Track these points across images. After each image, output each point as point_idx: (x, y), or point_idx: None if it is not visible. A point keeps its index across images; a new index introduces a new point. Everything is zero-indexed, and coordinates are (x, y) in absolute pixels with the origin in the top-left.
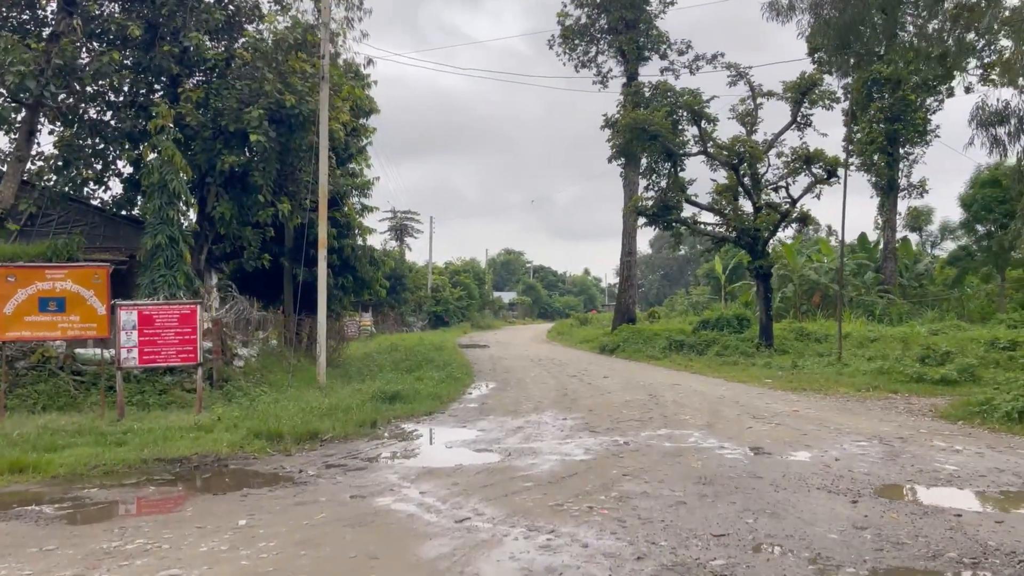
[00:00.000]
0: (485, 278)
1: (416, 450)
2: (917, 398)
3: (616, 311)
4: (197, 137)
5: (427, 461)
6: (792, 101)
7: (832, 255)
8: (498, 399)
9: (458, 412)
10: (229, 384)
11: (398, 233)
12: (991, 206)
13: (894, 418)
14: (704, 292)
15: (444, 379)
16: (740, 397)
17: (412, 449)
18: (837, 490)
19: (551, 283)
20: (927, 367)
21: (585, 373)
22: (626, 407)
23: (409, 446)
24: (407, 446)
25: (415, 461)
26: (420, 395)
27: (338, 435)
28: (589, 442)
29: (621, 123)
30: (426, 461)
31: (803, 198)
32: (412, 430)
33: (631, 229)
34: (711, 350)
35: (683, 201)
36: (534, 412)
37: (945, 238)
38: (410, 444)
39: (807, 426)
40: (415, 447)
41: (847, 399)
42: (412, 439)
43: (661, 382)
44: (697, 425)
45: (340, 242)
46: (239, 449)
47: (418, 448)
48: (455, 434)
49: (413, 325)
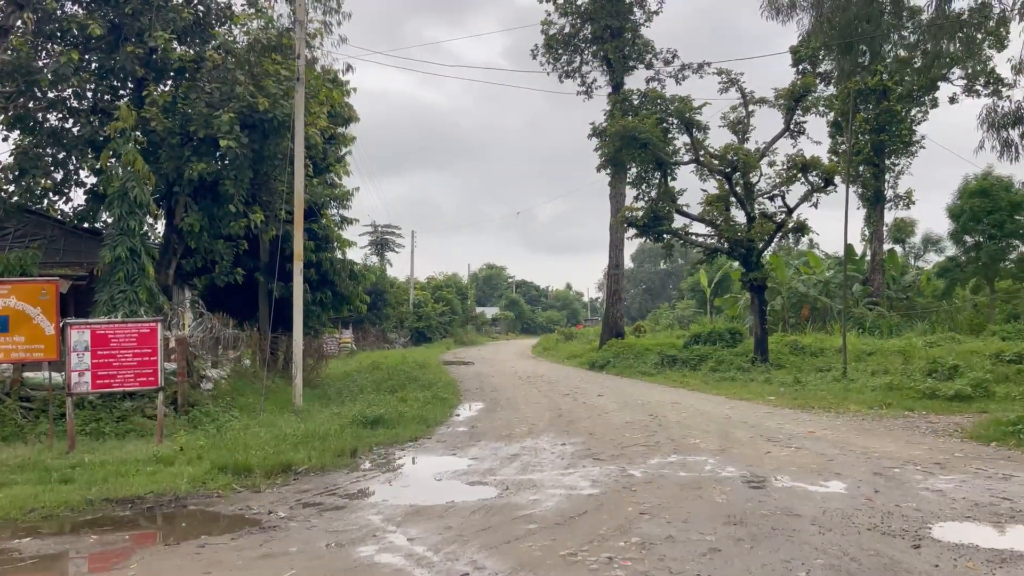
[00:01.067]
0: (468, 293)
1: (402, 484)
2: (935, 416)
3: (604, 326)
4: (164, 144)
5: (415, 497)
6: (785, 108)
7: (821, 267)
8: (489, 422)
9: (446, 437)
10: (196, 409)
11: (379, 248)
12: (979, 216)
13: (920, 439)
14: (689, 306)
15: (429, 400)
16: (747, 417)
17: (397, 483)
18: (891, 531)
19: (533, 298)
20: (938, 382)
21: (578, 391)
22: (628, 429)
23: (393, 479)
24: (391, 479)
25: (401, 497)
26: (404, 419)
27: (314, 467)
28: (594, 472)
29: (610, 130)
30: (413, 497)
31: (799, 207)
32: (396, 459)
33: (618, 242)
34: (705, 365)
35: (674, 211)
36: (529, 436)
37: (928, 250)
38: (395, 477)
39: (830, 450)
40: (400, 480)
41: (862, 418)
42: (397, 470)
43: (659, 400)
44: (710, 450)
45: (318, 255)
46: (201, 486)
47: (404, 481)
48: (444, 464)
49: (395, 342)
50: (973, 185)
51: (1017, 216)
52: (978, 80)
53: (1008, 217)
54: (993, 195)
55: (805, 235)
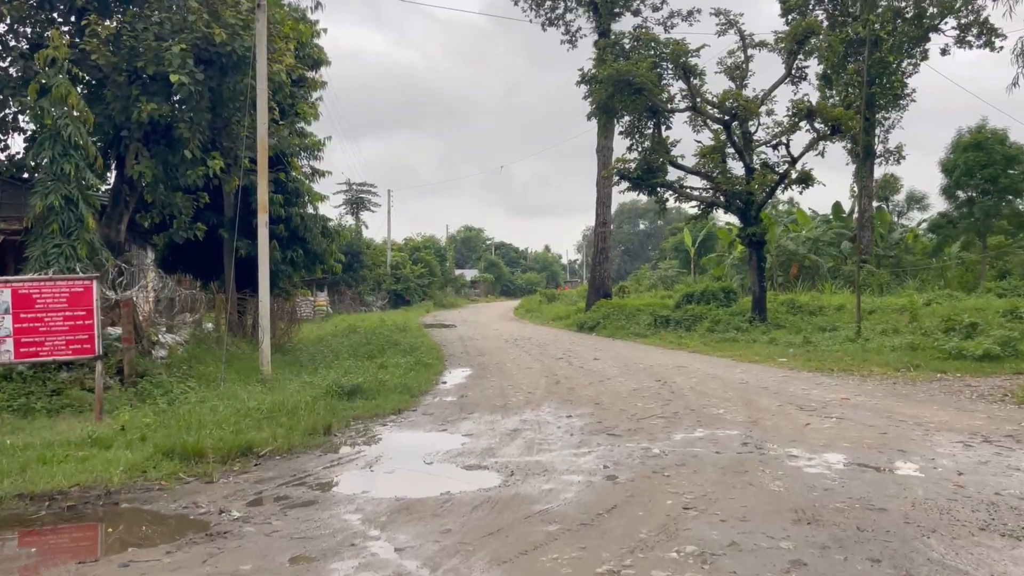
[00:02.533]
0: (447, 255)
1: (385, 469)
2: (972, 379)
3: (590, 286)
4: (109, 82)
5: (401, 488)
6: (786, 52)
7: (810, 224)
8: (480, 390)
9: (434, 409)
10: (146, 380)
11: (354, 207)
12: (973, 171)
13: (971, 406)
14: (672, 266)
15: (412, 366)
16: (765, 381)
17: (379, 468)
18: (1010, 530)
19: (513, 260)
20: (962, 342)
21: (571, 355)
22: (638, 398)
23: (375, 463)
24: (372, 463)
25: (385, 488)
26: (385, 388)
27: (280, 448)
28: (613, 451)
29: (602, 75)
30: (400, 488)
31: (804, 156)
32: (378, 437)
33: (606, 198)
34: (700, 326)
35: (668, 163)
36: (528, 407)
37: (912, 208)
38: (376, 459)
39: (877, 420)
40: (383, 464)
41: (892, 381)
42: (379, 452)
43: (663, 364)
44: (738, 422)
45: (287, 210)
46: (140, 476)
47: (388, 465)
48: (434, 442)
49: (372, 304)
50: (967, 138)
51: (1011, 170)
52: (970, 31)
53: (1002, 171)
54: (988, 148)
55: (810, 185)
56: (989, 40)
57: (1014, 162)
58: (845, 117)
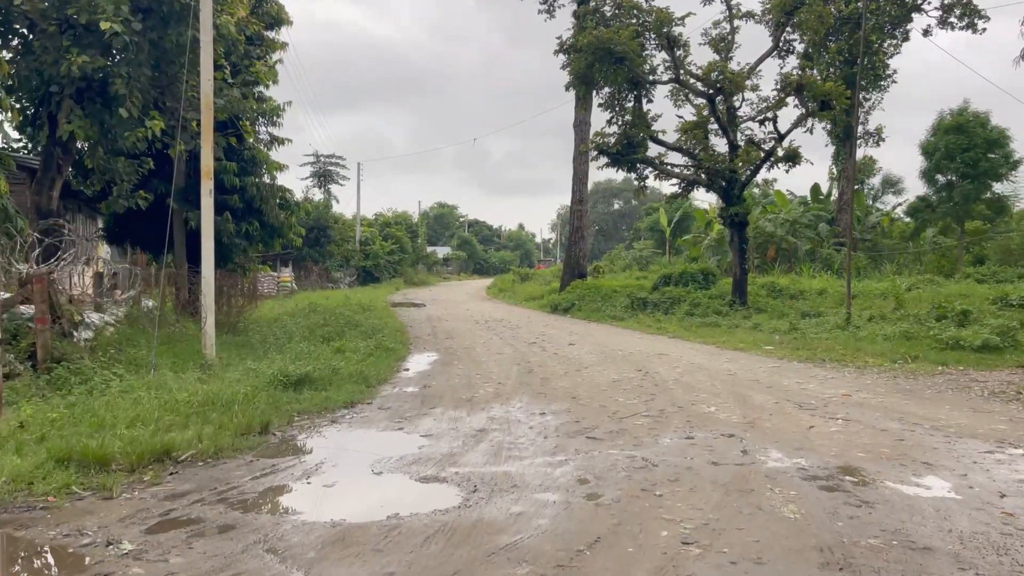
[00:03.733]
0: (419, 231)
1: (325, 482)
2: (977, 372)
3: (565, 266)
4: (38, 32)
5: (341, 508)
6: (774, 24)
7: (788, 206)
8: (445, 379)
9: (392, 402)
10: (63, 366)
11: (322, 180)
12: (954, 154)
13: (986, 406)
14: (647, 246)
15: (372, 351)
16: (755, 373)
17: (319, 479)
18: None
19: (486, 238)
20: (959, 331)
21: (545, 339)
22: (618, 391)
23: (314, 472)
24: (311, 472)
25: (322, 507)
26: (339, 376)
27: (205, 452)
28: (593, 460)
29: (582, 42)
30: (339, 508)
31: (792, 133)
32: (323, 438)
33: (582, 175)
34: (679, 308)
35: (648, 138)
36: (497, 401)
37: (886, 192)
38: (316, 468)
39: (888, 423)
40: (324, 475)
41: (892, 375)
42: (321, 457)
43: (643, 351)
44: (733, 423)
45: (243, 180)
46: (25, 488)
47: (329, 476)
48: (388, 444)
49: (340, 281)
50: (948, 121)
51: (991, 154)
52: (954, 11)
53: (983, 155)
54: (969, 132)
55: (797, 163)
56: (972, 22)
57: (995, 146)
58: (835, 92)
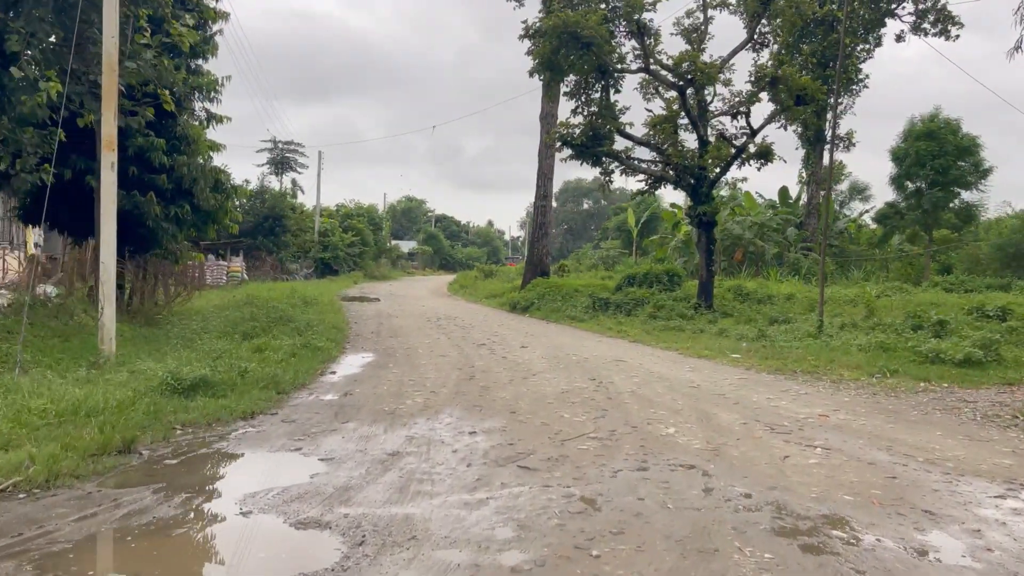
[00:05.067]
0: (383, 224)
1: (169, 525)
2: (962, 390)
3: (527, 263)
4: None
5: (173, 569)
6: (749, 14)
7: (756, 209)
8: (372, 385)
9: (300, 413)
10: None
11: (279, 167)
12: (924, 160)
13: (982, 433)
14: (614, 246)
15: (298, 350)
16: (720, 385)
17: (160, 524)
18: None
19: (454, 233)
20: (939, 343)
21: (496, 340)
22: (565, 404)
23: (161, 510)
24: (155, 511)
25: (145, 567)
26: (246, 380)
27: (31, 481)
28: (522, 500)
29: (547, 24)
30: (171, 569)
31: (765, 128)
32: (197, 460)
33: (547, 169)
34: (642, 311)
35: (615, 131)
36: (424, 415)
37: (853, 198)
38: (167, 504)
39: (874, 452)
40: (173, 514)
41: (871, 391)
42: (178, 489)
43: (599, 356)
44: (694, 450)
45: (173, 159)
46: None
47: (179, 515)
48: (275, 470)
49: (296, 273)
50: (919, 127)
51: (961, 162)
52: (927, 17)
53: (953, 163)
54: (940, 138)
55: (770, 161)
56: (945, 28)
57: (966, 154)
58: (812, 87)
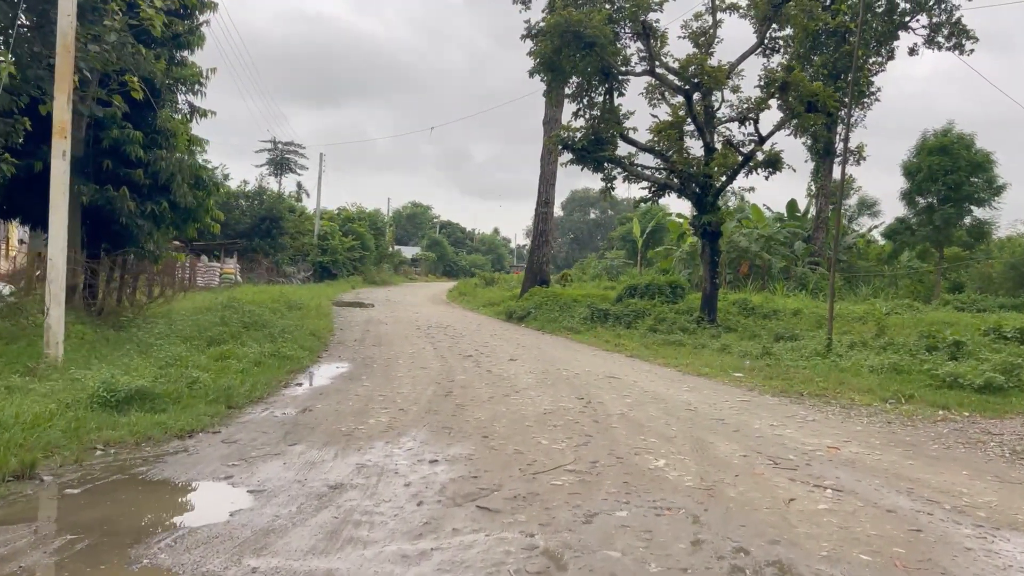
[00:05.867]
0: (385, 229)
1: (40, 574)
2: (983, 418)
3: (527, 271)
4: None
5: None
6: (760, 18)
7: (763, 221)
8: (337, 400)
9: (246, 432)
10: None
11: (278, 168)
12: (937, 176)
13: (1013, 473)
14: (619, 256)
15: (264, 359)
16: (720, 408)
17: (31, 569)
18: None
19: (458, 240)
20: (957, 366)
21: (485, 352)
22: (546, 428)
23: (35, 555)
24: (31, 555)
25: None
26: (194, 392)
27: None
28: (471, 554)
29: (549, 23)
30: None
31: (774, 135)
32: (108, 486)
33: (549, 175)
34: (642, 323)
35: (618, 136)
36: (384, 437)
37: (862, 213)
38: (42, 547)
39: (893, 497)
40: (46, 562)
41: (886, 419)
42: (69, 524)
43: (592, 372)
44: (685, 488)
45: (150, 154)
46: None
47: (53, 564)
48: (192, 505)
49: (293, 276)
50: (932, 141)
51: (974, 178)
52: (941, 30)
53: (966, 179)
54: (953, 153)
55: (779, 170)
56: (959, 42)
57: (979, 170)
58: (824, 94)
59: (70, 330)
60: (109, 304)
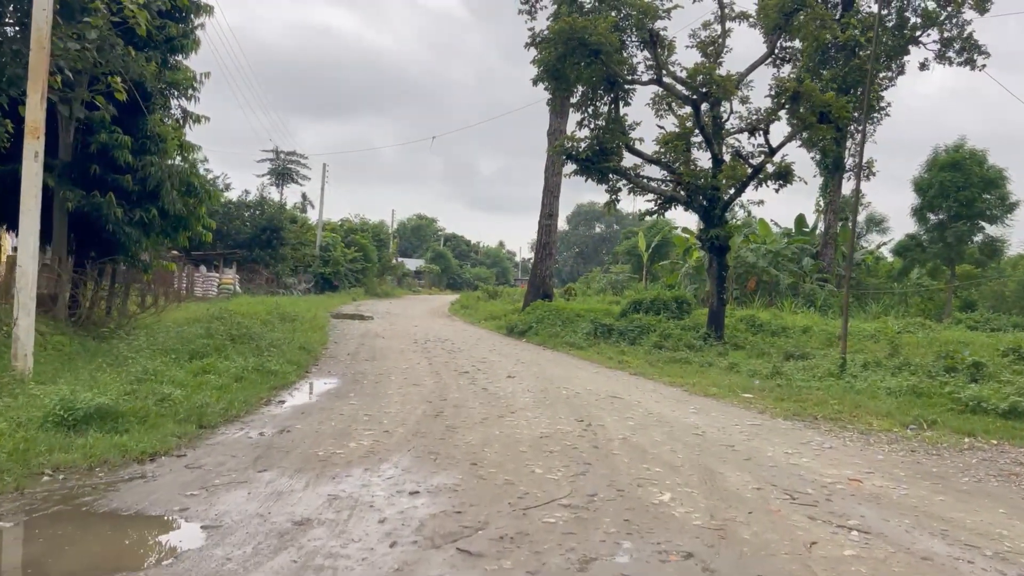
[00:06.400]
0: (388, 240)
1: None
2: (1012, 446)
3: (530, 284)
4: None
5: None
6: (770, 28)
7: (771, 236)
8: (318, 420)
9: (213, 455)
10: None
11: (280, 178)
12: (949, 192)
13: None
14: (624, 270)
15: (247, 373)
16: (729, 433)
17: None
18: None
19: (463, 253)
20: (979, 389)
21: (482, 368)
22: (541, 455)
23: None
24: None
25: None
26: (166, 408)
27: None
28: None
29: (553, 29)
30: None
31: (785, 147)
32: (44, 521)
33: (553, 187)
34: (647, 339)
35: (624, 147)
36: (364, 462)
37: (871, 230)
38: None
39: (926, 540)
40: None
41: (909, 447)
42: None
43: (593, 391)
44: (692, 527)
45: (140, 159)
46: None
47: None
48: (135, 542)
49: (294, 287)
50: (944, 157)
51: (987, 194)
52: (952, 46)
53: (978, 195)
54: (965, 169)
55: (789, 182)
56: (971, 57)
57: (991, 186)
58: (836, 104)
59: (48, 341)
60: (97, 314)
